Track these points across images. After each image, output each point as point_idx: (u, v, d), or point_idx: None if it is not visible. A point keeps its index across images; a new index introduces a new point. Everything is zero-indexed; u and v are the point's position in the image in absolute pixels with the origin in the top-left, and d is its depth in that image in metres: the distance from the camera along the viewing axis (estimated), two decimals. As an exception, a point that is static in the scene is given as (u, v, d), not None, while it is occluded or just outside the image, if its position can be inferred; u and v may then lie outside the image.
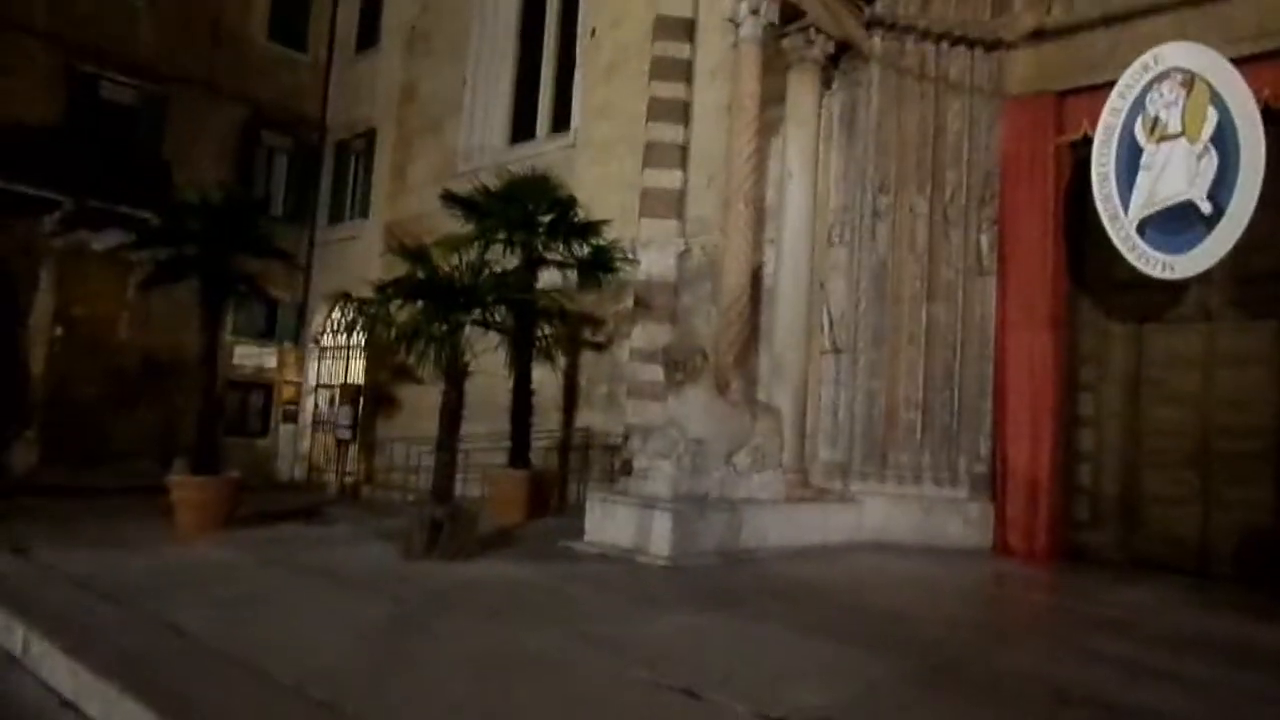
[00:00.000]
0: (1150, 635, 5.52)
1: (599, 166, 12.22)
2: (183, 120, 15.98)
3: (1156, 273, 7.73)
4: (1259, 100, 7.27)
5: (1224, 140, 7.35)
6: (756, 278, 9.16)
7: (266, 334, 17.34)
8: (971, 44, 9.44)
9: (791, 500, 8.51)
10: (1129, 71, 7.91)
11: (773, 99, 9.08)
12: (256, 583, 6.02)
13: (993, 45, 9.42)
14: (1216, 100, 7.41)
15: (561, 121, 13.66)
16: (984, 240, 9.28)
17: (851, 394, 9.26)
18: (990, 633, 5.68)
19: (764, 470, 8.33)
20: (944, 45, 9.44)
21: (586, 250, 10.24)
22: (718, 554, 7.32)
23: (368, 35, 17.66)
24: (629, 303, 11.30)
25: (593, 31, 12.88)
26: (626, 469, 8.56)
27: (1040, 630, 6.03)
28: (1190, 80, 7.56)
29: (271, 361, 17.44)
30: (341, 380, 16.85)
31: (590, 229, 10.19)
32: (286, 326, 17.57)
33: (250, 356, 17.11)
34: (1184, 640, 5.43)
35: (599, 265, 10.24)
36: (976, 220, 9.31)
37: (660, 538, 7.11)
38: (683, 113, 11.25)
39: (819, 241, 9.40)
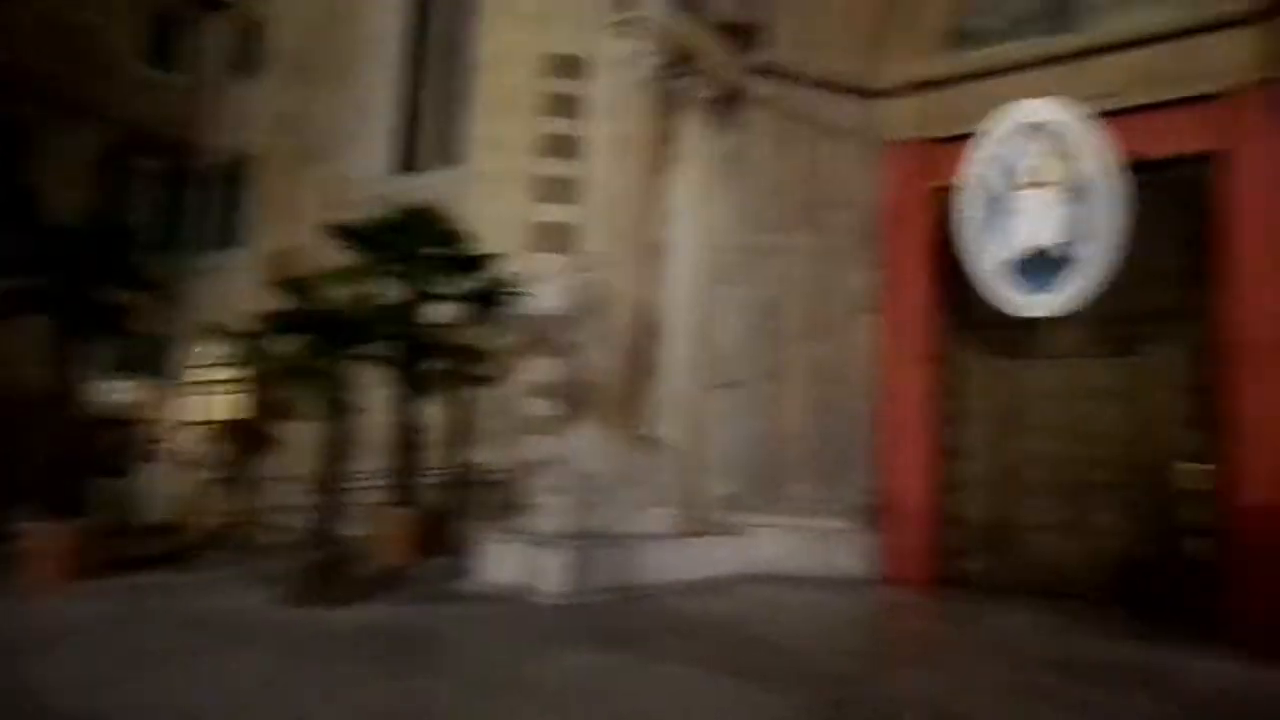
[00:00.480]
0: (1030, 658, 5.76)
1: (489, 200, 12.10)
2: (46, 143, 15.03)
3: (1018, 313, 8.18)
4: (1119, 154, 7.80)
5: (1082, 191, 7.88)
6: (648, 313, 9.22)
7: (132, 368, 16.36)
8: (853, 92, 9.84)
9: (684, 534, 8.54)
10: (997, 123, 8.39)
11: (663, 138, 9.23)
12: (126, 638, 5.63)
13: (874, 94, 9.84)
14: (1076, 153, 7.94)
15: (451, 154, 13.51)
16: (865, 279, 9.63)
17: (741, 428, 9.40)
18: (883, 662, 5.82)
19: (656, 505, 8.34)
20: (826, 92, 9.82)
21: (477, 284, 10.12)
22: (611, 590, 7.26)
23: (247, 60, 17.11)
24: (520, 337, 11.18)
25: (482, 65, 12.82)
26: (518, 506, 8.42)
27: (929, 658, 6.20)
28: (1054, 133, 8.08)
29: (137, 397, 16.46)
30: (214, 417, 16.06)
31: (480, 262, 10.07)
32: (154, 360, 16.64)
33: (113, 392, 16.09)
34: (1058, 662, 5.68)
35: (489, 299, 10.13)
36: (858, 260, 9.66)
37: (553, 575, 7.03)
38: (574, 148, 11.30)
39: (708, 278, 9.55)
